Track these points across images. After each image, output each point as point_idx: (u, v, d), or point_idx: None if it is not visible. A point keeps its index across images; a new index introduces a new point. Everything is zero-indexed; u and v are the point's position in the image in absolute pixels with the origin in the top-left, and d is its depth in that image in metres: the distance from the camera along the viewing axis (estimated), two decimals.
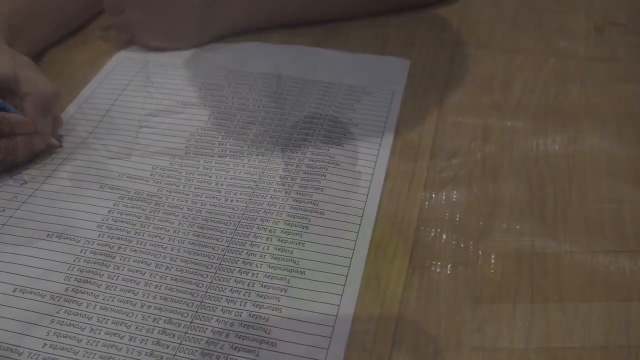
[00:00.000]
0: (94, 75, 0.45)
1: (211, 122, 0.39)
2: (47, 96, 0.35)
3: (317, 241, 0.31)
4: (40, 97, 0.35)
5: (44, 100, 0.35)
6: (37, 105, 0.35)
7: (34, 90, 0.35)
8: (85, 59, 0.47)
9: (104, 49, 0.48)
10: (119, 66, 0.45)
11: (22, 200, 0.34)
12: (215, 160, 0.36)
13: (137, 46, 0.48)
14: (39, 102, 0.35)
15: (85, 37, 0.50)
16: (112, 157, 0.37)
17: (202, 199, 0.34)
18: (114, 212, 0.33)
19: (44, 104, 0.35)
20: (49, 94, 0.35)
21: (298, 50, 0.46)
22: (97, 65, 0.46)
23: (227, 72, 0.44)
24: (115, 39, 0.49)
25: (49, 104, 0.36)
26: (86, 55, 0.48)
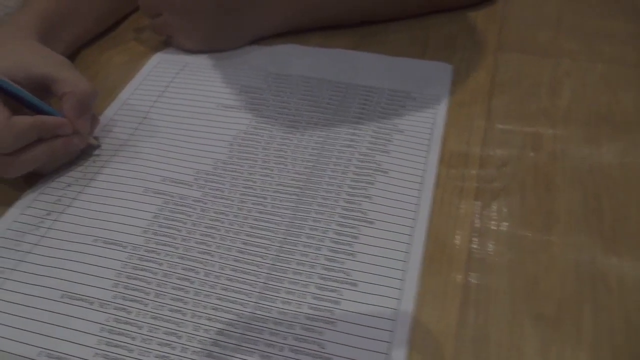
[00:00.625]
0: (131, 77, 0.44)
1: (253, 126, 0.39)
2: (85, 95, 0.35)
3: (368, 252, 0.30)
4: (79, 96, 0.34)
5: (82, 99, 0.35)
6: (75, 105, 0.34)
7: (72, 89, 0.34)
8: (121, 61, 0.47)
9: (139, 51, 0.48)
10: (157, 68, 0.45)
11: (66, 203, 0.34)
12: (259, 165, 0.36)
13: (173, 48, 0.47)
14: (77, 101, 0.34)
15: (117, 37, 0.50)
16: (154, 160, 0.36)
17: (248, 205, 0.33)
18: (159, 218, 0.32)
19: (82, 104, 0.35)
20: (87, 93, 0.35)
21: (337, 54, 0.45)
22: (134, 67, 0.46)
23: (266, 75, 0.43)
24: (151, 41, 0.49)
25: (87, 103, 0.35)
26: (121, 56, 0.47)
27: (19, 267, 0.30)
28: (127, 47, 0.49)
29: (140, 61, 0.46)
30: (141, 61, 0.46)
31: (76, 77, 0.34)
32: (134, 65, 0.46)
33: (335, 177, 0.35)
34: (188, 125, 0.39)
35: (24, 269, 0.30)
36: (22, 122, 0.32)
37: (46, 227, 0.32)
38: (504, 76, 0.43)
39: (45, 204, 0.34)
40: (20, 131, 0.31)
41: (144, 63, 0.46)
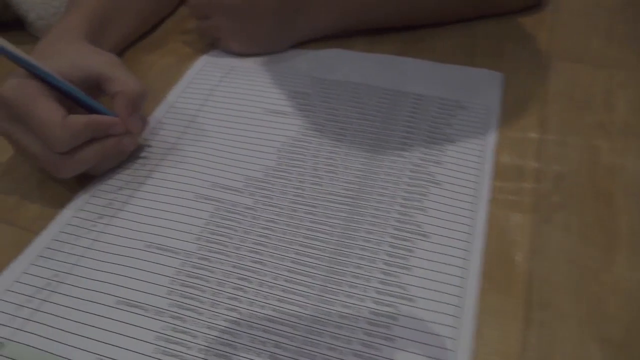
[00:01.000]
0: (177, 80, 0.44)
1: (301, 133, 0.38)
2: (137, 95, 0.34)
3: (425, 267, 0.30)
4: (130, 95, 0.34)
5: (133, 98, 0.34)
6: (127, 104, 0.34)
7: (124, 88, 0.34)
8: (166, 63, 0.47)
9: (184, 53, 0.48)
10: (203, 71, 0.45)
11: (117, 207, 0.34)
12: (308, 173, 0.35)
13: (218, 50, 0.47)
14: (129, 101, 0.34)
15: (160, 39, 0.50)
16: (203, 165, 0.36)
17: (299, 214, 0.33)
18: (210, 225, 0.32)
19: (133, 103, 0.34)
20: (138, 93, 0.34)
21: (383, 59, 0.45)
22: (179, 70, 0.46)
23: (312, 80, 0.43)
24: (196, 43, 0.49)
25: (138, 103, 0.35)
26: (166, 58, 0.47)
27: (73, 271, 0.30)
28: (172, 49, 0.49)
29: (186, 64, 0.46)
30: (187, 64, 0.46)
31: (128, 76, 0.34)
32: (180, 68, 0.46)
33: (387, 187, 0.34)
34: (236, 130, 0.39)
35: (78, 272, 0.30)
36: (77, 121, 0.31)
37: (98, 230, 0.32)
38: (556, 86, 0.42)
39: (97, 207, 0.34)
40: (76, 130, 0.31)
41: (190, 66, 0.46)
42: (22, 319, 0.28)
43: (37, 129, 0.31)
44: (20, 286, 0.30)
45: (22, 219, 0.33)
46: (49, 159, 0.32)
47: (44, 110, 0.31)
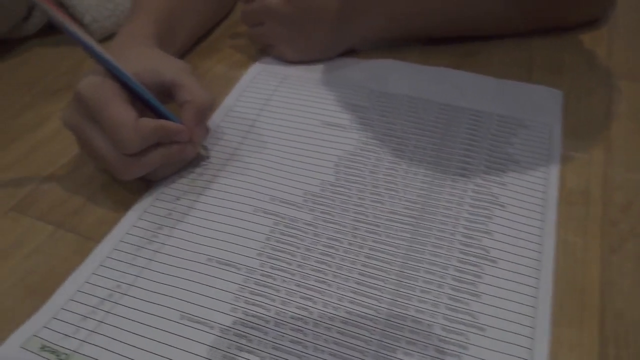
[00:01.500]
0: (231, 86, 0.44)
1: (359, 147, 0.37)
2: (205, 105, 0.34)
3: (494, 294, 0.29)
4: (199, 105, 0.34)
5: (201, 108, 0.34)
6: (195, 114, 0.34)
7: (193, 98, 0.34)
8: (221, 69, 0.46)
9: (236, 59, 0.47)
10: (258, 79, 0.44)
11: (177, 217, 0.33)
12: (368, 190, 0.35)
13: (270, 57, 0.47)
14: (197, 110, 0.34)
15: (213, 45, 0.50)
16: (261, 177, 0.36)
17: (361, 233, 0.32)
18: (271, 240, 0.32)
19: (201, 113, 0.34)
20: (206, 103, 0.34)
21: (439, 72, 0.44)
22: (233, 76, 0.45)
23: (369, 92, 0.42)
24: (247, 49, 0.48)
25: (205, 113, 0.35)
26: (221, 65, 0.47)
27: (136, 282, 0.30)
28: (224, 55, 0.48)
29: (239, 70, 0.46)
30: (240, 70, 0.46)
31: (197, 85, 0.34)
32: (234, 74, 0.45)
33: (450, 208, 0.33)
34: (293, 142, 0.38)
35: (140, 284, 0.30)
36: (148, 124, 0.31)
37: (159, 241, 0.32)
38: (619, 106, 0.41)
39: (156, 216, 0.33)
40: (147, 133, 0.31)
41: (243, 72, 0.45)
42: (87, 330, 0.28)
43: (110, 129, 0.31)
44: (83, 296, 0.29)
45: (83, 225, 0.33)
46: (115, 159, 0.32)
47: (119, 112, 0.31)
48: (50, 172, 0.37)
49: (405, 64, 0.45)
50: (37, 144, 0.39)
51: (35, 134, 0.40)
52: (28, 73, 0.47)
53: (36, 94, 0.44)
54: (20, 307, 0.29)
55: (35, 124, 0.41)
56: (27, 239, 0.32)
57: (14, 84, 0.46)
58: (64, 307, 0.29)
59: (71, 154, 0.38)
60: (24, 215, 0.34)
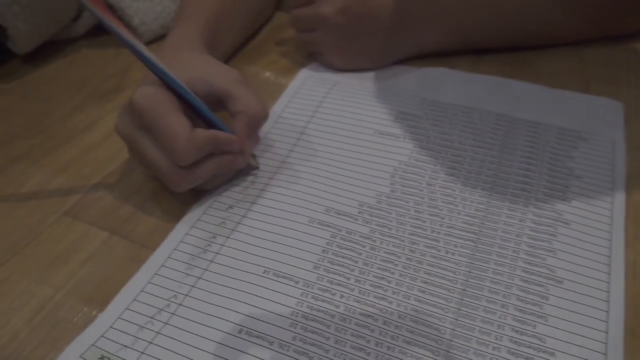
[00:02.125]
0: (279, 92, 0.43)
1: (414, 158, 0.37)
2: (258, 117, 0.34)
3: (562, 317, 0.28)
4: (253, 117, 0.33)
5: (254, 120, 0.34)
6: (248, 125, 0.33)
7: (247, 109, 0.33)
8: (267, 75, 0.46)
9: (282, 65, 0.47)
10: (306, 85, 0.44)
11: (231, 227, 0.33)
12: (426, 203, 0.34)
13: (317, 64, 0.46)
14: (250, 122, 0.33)
15: (257, 49, 0.49)
16: (315, 187, 0.35)
17: (420, 248, 0.31)
18: (328, 253, 0.31)
19: (254, 124, 0.34)
20: (260, 115, 0.34)
21: (491, 81, 0.43)
22: (280, 82, 0.45)
23: (421, 101, 0.41)
24: (293, 54, 0.48)
25: (258, 125, 0.34)
26: (267, 70, 0.46)
27: (192, 293, 0.29)
28: (270, 60, 0.48)
29: (287, 76, 0.45)
30: (287, 76, 0.45)
31: (251, 96, 0.33)
32: (280, 81, 0.45)
33: (512, 224, 0.32)
34: (346, 151, 0.37)
35: (196, 295, 0.29)
36: (202, 135, 0.31)
37: (214, 251, 0.31)
38: None
39: (210, 225, 0.33)
40: (201, 144, 0.31)
41: (290, 78, 0.45)
42: (145, 341, 0.27)
43: (165, 140, 0.30)
44: (140, 306, 0.29)
45: (136, 232, 0.33)
46: (169, 171, 0.31)
47: (175, 122, 0.30)
48: (100, 178, 0.37)
49: (456, 72, 0.44)
50: (87, 147, 0.39)
51: (85, 138, 0.40)
52: (76, 75, 0.47)
53: (85, 97, 0.45)
54: (77, 315, 0.29)
55: (84, 127, 0.41)
56: (82, 245, 0.32)
57: (62, 85, 0.46)
58: (122, 317, 0.28)
59: (120, 160, 0.38)
60: (78, 220, 0.34)
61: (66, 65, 0.48)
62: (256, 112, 0.33)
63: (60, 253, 0.32)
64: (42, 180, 0.37)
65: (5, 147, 0.39)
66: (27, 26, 0.44)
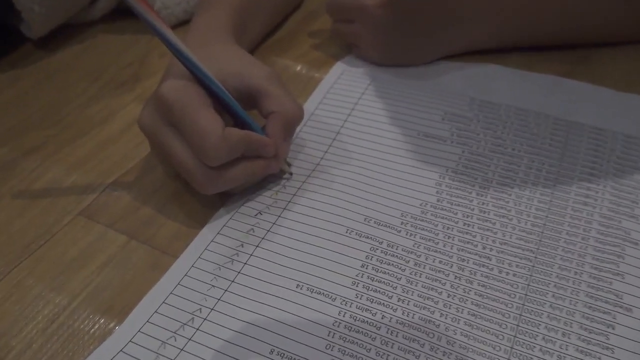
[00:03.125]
0: (312, 88, 0.43)
1: (463, 165, 0.36)
2: (294, 118, 0.33)
3: (630, 349, 0.27)
4: (289, 118, 0.33)
5: (290, 122, 0.33)
6: (282, 127, 0.33)
7: (282, 109, 0.33)
8: (298, 67, 0.45)
9: (314, 57, 0.46)
10: (342, 80, 0.43)
11: (260, 235, 0.32)
12: (476, 215, 0.33)
13: (352, 56, 0.45)
14: (285, 123, 0.33)
15: (285, 39, 0.49)
16: (353, 194, 0.34)
17: (469, 265, 0.30)
18: (368, 268, 0.30)
19: (289, 127, 0.33)
20: (297, 117, 0.33)
21: (548, 81, 0.42)
22: (313, 76, 0.44)
23: (470, 101, 0.40)
24: (326, 46, 0.47)
25: (294, 127, 0.34)
26: (298, 62, 0.46)
27: (219, 307, 0.29)
28: (301, 52, 0.47)
29: (319, 70, 0.45)
30: (320, 70, 0.45)
31: (286, 95, 0.33)
32: (313, 75, 0.44)
33: (573, 242, 0.31)
34: (387, 155, 0.37)
35: (223, 310, 0.29)
36: (235, 134, 0.30)
37: (241, 261, 0.31)
38: None
39: (237, 232, 0.33)
40: (234, 144, 0.30)
41: (324, 72, 0.44)
42: (167, 359, 0.27)
43: (195, 138, 0.30)
44: (162, 319, 0.29)
45: (157, 237, 0.33)
46: (198, 171, 0.31)
47: (206, 120, 0.30)
48: (118, 175, 0.37)
49: (508, 70, 0.43)
50: (105, 141, 0.39)
51: (103, 131, 0.40)
52: (92, 61, 0.47)
53: (102, 86, 0.45)
54: (95, 326, 0.28)
55: (102, 118, 0.41)
56: (99, 249, 0.32)
57: (78, 73, 0.46)
58: (142, 331, 0.28)
59: (140, 156, 0.38)
60: (94, 222, 0.34)
61: (82, 51, 0.48)
62: (292, 113, 0.33)
63: (75, 257, 0.32)
64: (57, 176, 0.37)
65: (19, 138, 0.40)
66: (42, 9, 0.44)
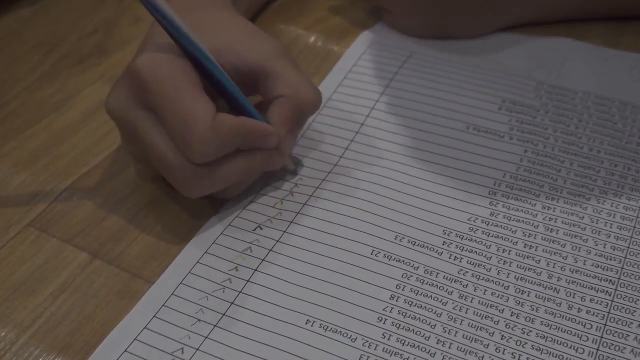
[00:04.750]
0: (329, 65, 0.44)
1: (526, 168, 0.37)
2: (308, 104, 0.34)
3: None
4: (299, 105, 0.34)
5: (300, 109, 0.34)
6: (291, 114, 0.34)
7: (292, 92, 0.34)
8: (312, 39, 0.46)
9: (333, 24, 0.48)
10: (368, 55, 0.44)
11: (259, 255, 0.33)
12: (540, 233, 0.34)
13: (382, 24, 0.47)
14: (294, 110, 0.34)
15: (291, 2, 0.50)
16: (380, 203, 0.35)
17: (530, 299, 0.31)
18: (399, 300, 0.31)
19: (299, 115, 0.34)
20: (310, 103, 0.34)
21: (637, 61, 0.43)
22: (330, 50, 0.45)
23: (536, 86, 0.42)
24: (347, 10, 0.48)
25: (305, 116, 0.35)
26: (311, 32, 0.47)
27: (206, 347, 0.30)
28: (316, 18, 0.49)
29: (340, 41, 0.46)
30: (341, 41, 0.46)
31: (299, 75, 0.34)
32: (331, 47, 0.46)
33: None
34: (426, 154, 0.38)
35: (212, 351, 0.30)
36: (229, 121, 0.31)
37: (235, 289, 0.32)
38: None
39: (231, 252, 0.34)
40: (227, 134, 0.31)
41: (346, 45, 0.46)
42: None
43: (178, 127, 0.30)
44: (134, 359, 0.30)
45: (127, 256, 0.34)
46: (180, 168, 0.32)
47: (193, 103, 0.31)
48: (79, 176, 0.38)
49: (587, 45, 0.44)
50: (61, 132, 0.41)
51: (59, 118, 0.42)
52: (45, 30, 0.49)
53: (57, 61, 0.46)
54: None
55: (57, 103, 0.43)
56: (54, 270, 0.33)
57: (27, 45, 0.48)
58: None
59: (106, 151, 0.39)
60: (47, 235, 0.35)
61: (31, 16, 0.50)
62: (306, 98, 0.34)
63: (24, 279, 0.33)
64: (0, 176, 0.38)
65: None
66: None
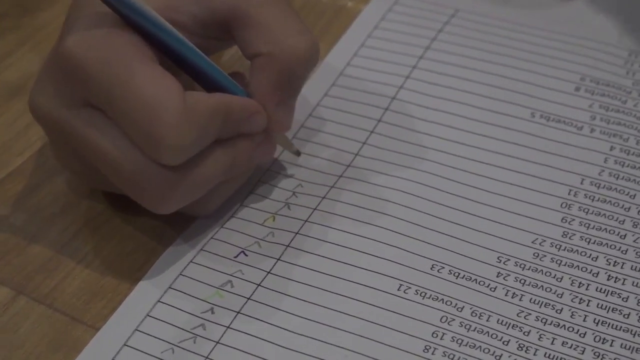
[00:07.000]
0: (343, 28, 0.46)
1: (612, 172, 0.39)
2: (299, 61, 0.35)
3: None
4: (285, 64, 0.35)
5: (290, 68, 0.35)
6: (276, 81, 0.35)
7: (274, 49, 0.35)
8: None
9: None
10: (397, 13, 0.46)
11: (243, 293, 0.35)
12: (629, 262, 0.35)
13: None
14: (281, 74, 0.35)
15: None
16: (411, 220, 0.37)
17: (613, 349, 0.33)
18: (436, 352, 0.33)
19: (290, 77, 0.35)
20: (301, 57, 0.35)
21: None
22: (344, 4, 0.47)
23: (628, 57, 0.43)
24: None
25: (298, 79, 0.36)
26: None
27: None
28: None
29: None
30: None
31: (285, 20, 0.35)
32: (344, 2, 0.48)
33: None
34: (475, 151, 0.40)
35: None
36: (203, 102, 0.32)
37: (212, 339, 0.33)
38: None
39: (204, 288, 0.35)
40: (204, 119, 0.32)
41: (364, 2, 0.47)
42: None
43: (138, 119, 0.31)
44: None
45: (64, 294, 0.36)
46: (146, 175, 0.33)
47: (154, 84, 0.31)
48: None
49: None
50: None
51: None
52: None
53: None
54: None
55: None
56: None
57: None
58: None
59: (31, 149, 0.42)
60: None
61: None
62: (295, 52, 0.35)
63: None
64: None
65: None
66: None
